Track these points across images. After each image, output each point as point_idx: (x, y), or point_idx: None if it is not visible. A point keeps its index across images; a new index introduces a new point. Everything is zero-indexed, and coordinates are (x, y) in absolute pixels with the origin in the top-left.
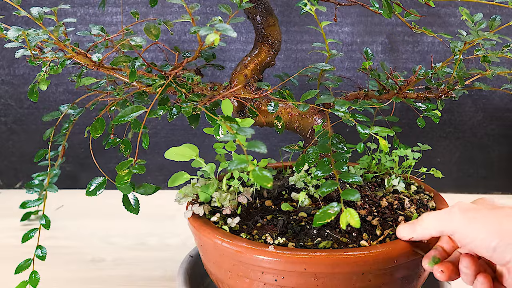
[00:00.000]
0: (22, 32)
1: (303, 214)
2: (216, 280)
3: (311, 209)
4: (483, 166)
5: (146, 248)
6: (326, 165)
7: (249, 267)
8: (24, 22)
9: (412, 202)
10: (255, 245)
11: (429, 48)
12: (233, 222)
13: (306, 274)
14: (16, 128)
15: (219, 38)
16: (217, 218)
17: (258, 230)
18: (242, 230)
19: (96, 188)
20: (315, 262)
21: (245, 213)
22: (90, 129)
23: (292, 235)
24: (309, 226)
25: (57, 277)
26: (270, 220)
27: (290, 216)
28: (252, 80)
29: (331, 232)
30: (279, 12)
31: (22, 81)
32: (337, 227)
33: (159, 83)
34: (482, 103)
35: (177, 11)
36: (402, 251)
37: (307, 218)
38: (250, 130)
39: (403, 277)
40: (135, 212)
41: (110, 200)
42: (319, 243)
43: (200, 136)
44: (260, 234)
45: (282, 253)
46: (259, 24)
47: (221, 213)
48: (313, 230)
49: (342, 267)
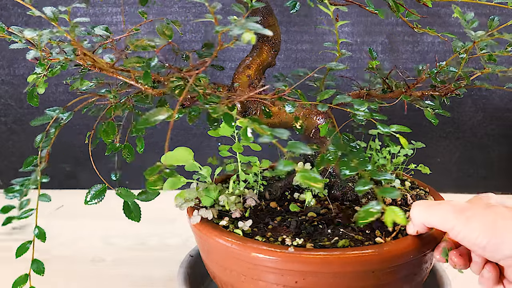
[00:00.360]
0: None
1: (312, 214)
2: (225, 284)
3: (319, 208)
4: (483, 166)
5: (146, 248)
6: (348, 163)
7: (268, 269)
8: (24, 22)
9: (411, 198)
10: (274, 248)
11: (429, 48)
12: (246, 225)
13: (328, 275)
14: (16, 128)
15: (255, 37)
16: (227, 222)
17: (272, 232)
18: (254, 233)
19: (95, 195)
20: (339, 261)
21: (253, 216)
22: (101, 134)
23: (306, 235)
24: (322, 226)
25: (57, 277)
26: (281, 222)
27: (299, 217)
28: (256, 81)
29: (345, 231)
30: (279, 12)
31: (22, 81)
32: (348, 225)
33: (178, 84)
34: (482, 103)
35: (177, 11)
36: (415, 246)
37: (318, 218)
38: (286, 132)
39: (415, 273)
40: (136, 220)
41: (110, 200)
42: (337, 242)
43: (199, 136)
44: (275, 236)
45: (303, 254)
46: (259, 24)
47: (229, 216)
48: (327, 230)
49: (366, 265)
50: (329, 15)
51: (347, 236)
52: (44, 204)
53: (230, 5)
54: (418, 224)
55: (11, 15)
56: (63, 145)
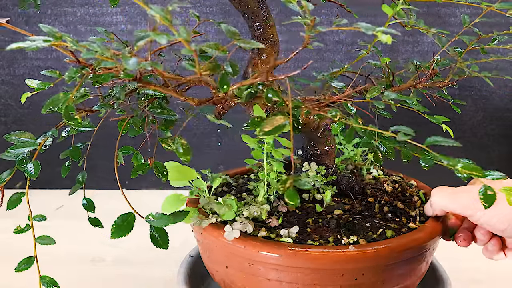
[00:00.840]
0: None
1: (339, 211)
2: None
3: (342, 205)
4: (483, 166)
5: (146, 248)
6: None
7: (326, 272)
8: (24, 22)
9: (400, 185)
10: (335, 249)
11: (429, 48)
12: (292, 232)
13: (384, 266)
14: (16, 128)
15: (390, 37)
16: (266, 233)
17: (316, 234)
18: (299, 238)
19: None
20: (399, 249)
21: (284, 221)
22: (134, 161)
23: (349, 232)
24: (358, 221)
25: (57, 277)
26: (315, 223)
27: (324, 215)
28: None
29: (380, 222)
30: (279, 12)
31: (22, 81)
32: (375, 216)
33: (250, 90)
34: (482, 103)
35: (177, 11)
36: (442, 226)
37: (347, 214)
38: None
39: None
40: (165, 247)
41: (110, 200)
42: (384, 233)
43: (199, 136)
44: (323, 237)
45: (365, 250)
46: (258, 25)
47: (265, 226)
48: (365, 223)
49: (421, 249)
50: (329, 15)
51: (385, 226)
52: (44, 204)
53: (229, 5)
54: (438, 209)
55: (11, 15)
56: (64, 145)
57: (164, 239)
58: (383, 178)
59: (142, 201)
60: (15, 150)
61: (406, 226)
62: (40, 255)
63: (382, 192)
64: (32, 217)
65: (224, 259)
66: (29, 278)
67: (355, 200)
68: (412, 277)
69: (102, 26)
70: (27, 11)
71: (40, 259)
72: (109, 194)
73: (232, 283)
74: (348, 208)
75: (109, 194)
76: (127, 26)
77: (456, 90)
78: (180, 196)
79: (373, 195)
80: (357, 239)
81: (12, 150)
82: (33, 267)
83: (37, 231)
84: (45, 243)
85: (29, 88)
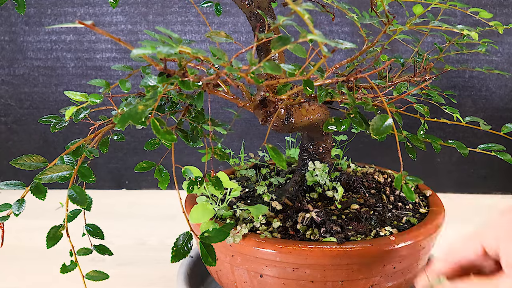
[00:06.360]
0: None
1: (355, 206)
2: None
3: (354, 200)
4: (483, 166)
5: (146, 248)
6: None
7: (370, 265)
8: (24, 22)
9: (388, 175)
10: (381, 241)
11: (429, 48)
12: (334, 231)
13: (420, 252)
14: (16, 128)
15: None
16: (309, 235)
17: (349, 231)
18: (339, 238)
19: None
20: (430, 232)
21: (310, 222)
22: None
23: (379, 224)
24: (380, 213)
25: (57, 277)
26: (344, 218)
27: (342, 211)
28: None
29: (398, 211)
30: (279, 12)
31: (22, 81)
32: (387, 206)
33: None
34: (482, 103)
35: (177, 11)
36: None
37: (366, 209)
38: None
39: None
40: (214, 264)
41: (110, 200)
42: (408, 221)
43: None
44: (361, 232)
45: (403, 239)
46: (262, 26)
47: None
48: (386, 214)
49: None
50: (329, 15)
51: (404, 215)
52: (44, 204)
53: (229, 5)
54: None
55: (11, 15)
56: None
57: (213, 256)
58: (362, 170)
59: (142, 201)
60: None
61: (417, 212)
62: (40, 255)
63: (377, 183)
64: (76, 252)
65: (261, 265)
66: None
67: (366, 194)
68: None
69: (102, 26)
70: (27, 11)
71: (40, 258)
72: (110, 194)
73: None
74: (362, 202)
75: (110, 194)
76: (127, 26)
77: (456, 90)
78: (207, 206)
79: (372, 187)
80: (390, 231)
81: (47, 176)
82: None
83: (37, 232)
84: (97, 279)
85: (28, 88)
